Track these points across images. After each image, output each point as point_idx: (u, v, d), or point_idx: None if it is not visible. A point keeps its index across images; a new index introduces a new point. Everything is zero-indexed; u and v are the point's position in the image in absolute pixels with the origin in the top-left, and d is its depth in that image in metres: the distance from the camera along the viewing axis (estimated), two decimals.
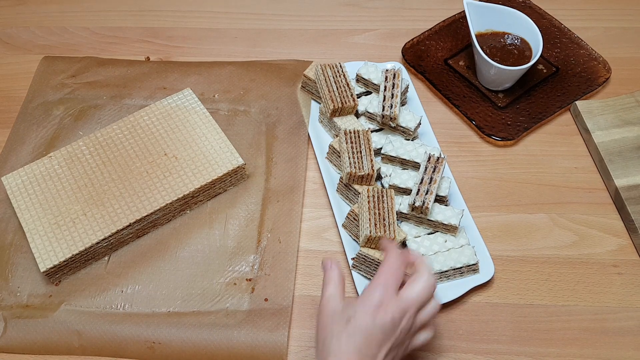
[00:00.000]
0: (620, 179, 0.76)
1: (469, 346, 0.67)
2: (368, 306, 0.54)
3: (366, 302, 0.55)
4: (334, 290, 0.58)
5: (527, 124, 0.84)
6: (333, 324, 0.55)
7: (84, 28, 1.00)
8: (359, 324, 0.53)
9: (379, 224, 0.67)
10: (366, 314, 0.54)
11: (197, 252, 0.74)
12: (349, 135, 0.74)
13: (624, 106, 0.84)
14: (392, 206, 0.68)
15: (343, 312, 0.55)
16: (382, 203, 0.68)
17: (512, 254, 0.74)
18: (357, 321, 0.54)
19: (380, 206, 0.68)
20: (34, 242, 0.70)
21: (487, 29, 0.88)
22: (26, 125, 0.86)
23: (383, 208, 0.68)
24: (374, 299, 0.54)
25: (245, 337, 0.67)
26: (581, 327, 0.68)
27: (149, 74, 0.91)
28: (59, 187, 0.74)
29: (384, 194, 0.69)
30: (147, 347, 0.67)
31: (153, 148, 0.78)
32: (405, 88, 0.82)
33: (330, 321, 0.55)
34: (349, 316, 0.54)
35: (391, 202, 0.69)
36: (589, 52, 0.91)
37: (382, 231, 0.66)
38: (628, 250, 0.73)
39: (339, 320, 0.55)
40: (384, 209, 0.68)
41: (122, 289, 0.71)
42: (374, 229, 0.66)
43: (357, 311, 0.54)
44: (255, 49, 0.96)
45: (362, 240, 0.68)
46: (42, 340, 0.68)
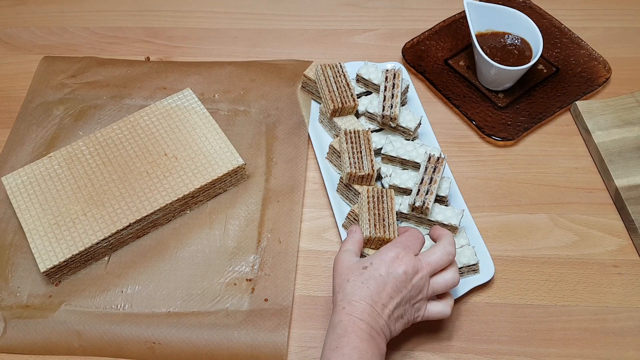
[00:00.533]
0: (620, 179, 0.76)
1: (469, 346, 0.67)
2: (384, 258, 0.59)
3: (383, 254, 0.59)
4: (352, 247, 0.63)
5: (527, 124, 0.84)
6: (349, 272, 0.59)
7: (84, 28, 1.00)
8: (373, 273, 0.58)
9: (378, 224, 0.66)
10: (381, 264, 0.58)
11: (197, 252, 0.74)
12: (349, 135, 0.74)
13: (624, 106, 0.84)
14: (392, 206, 0.68)
15: (359, 263, 0.60)
16: (382, 203, 0.68)
17: (512, 254, 0.74)
18: (371, 270, 0.58)
19: (380, 206, 0.68)
20: (34, 242, 0.70)
21: (487, 29, 0.88)
22: (26, 125, 0.86)
23: (383, 208, 0.68)
24: (390, 253, 0.59)
25: (246, 337, 0.67)
26: (581, 327, 0.68)
27: (149, 74, 0.91)
28: (59, 187, 0.74)
29: (383, 194, 0.69)
30: (147, 347, 0.67)
31: (153, 148, 0.78)
32: (406, 88, 0.82)
33: (346, 270, 0.60)
34: (364, 265, 0.59)
35: (391, 202, 0.68)
36: (589, 52, 0.91)
37: (382, 232, 0.66)
38: (628, 251, 0.73)
39: (355, 269, 0.59)
40: (384, 209, 0.68)
41: (122, 289, 0.71)
42: (374, 229, 0.66)
43: (373, 262, 0.59)
44: (255, 49, 0.96)
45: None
46: (42, 340, 0.68)
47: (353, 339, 0.54)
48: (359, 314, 0.56)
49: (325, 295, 0.71)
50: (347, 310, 0.56)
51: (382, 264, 0.58)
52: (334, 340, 0.55)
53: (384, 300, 0.57)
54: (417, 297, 0.59)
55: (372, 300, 0.56)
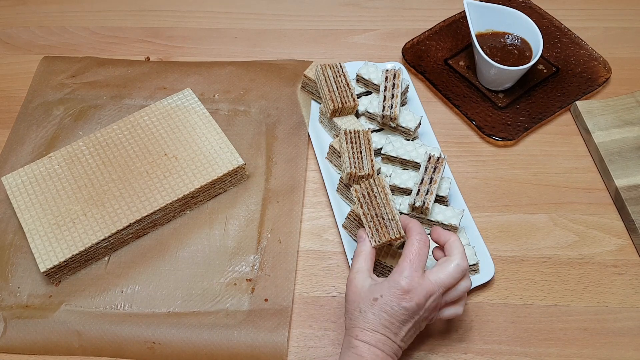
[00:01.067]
0: (620, 179, 0.76)
1: (469, 346, 0.67)
2: (394, 290, 0.57)
3: (393, 286, 0.57)
4: (363, 265, 0.61)
5: (527, 124, 0.84)
6: (360, 300, 0.58)
7: (84, 28, 1.00)
8: (384, 306, 0.57)
9: (380, 228, 0.62)
10: (392, 298, 0.57)
11: (197, 252, 0.74)
12: (349, 136, 0.74)
13: (624, 106, 0.84)
14: (387, 199, 0.62)
15: (370, 291, 0.58)
16: (375, 199, 0.63)
17: (512, 254, 0.74)
18: (383, 302, 0.57)
19: (374, 204, 0.63)
20: (34, 243, 0.70)
21: (487, 29, 0.88)
22: (26, 125, 0.86)
23: (377, 205, 0.63)
24: (400, 285, 0.57)
25: (246, 337, 0.67)
26: (581, 327, 0.68)
27: (149, 74, 0.91)
28: (59, 187, 0.74)
29: (373, 188, 0.63)
30: (147, 347, 0.67)
31: (153, 148, 0.78)
32: (406, 88, 0.82)
33: (358, 297, 0.58)
34: (375, 296, 0.57)
35: (383, 193, 0.63)
36: (589, 52, 0.91)
37: (386, 235, 0.61)
38: (628, 251, 0.73)
39: (366, 297, 0.58)
40: (379, 205, 0.62)
41: (122, 289, 0.71)
42: (377, 236, 0.61)
43: (384, 294, 0.57)
44: (255, 49, 0.96)
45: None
46: (42, 340, 0.68)
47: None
48: (374, 343, 0.56)
49: (325, 295, 0.71)
50: (361, 338, 0.57)
51: (392, 298, 0.56)
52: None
53: (396, 329, 0.57)
54: (430, 315, 0.60)
55: (386, 329, 0.57)
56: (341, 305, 0.70)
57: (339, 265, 0.73)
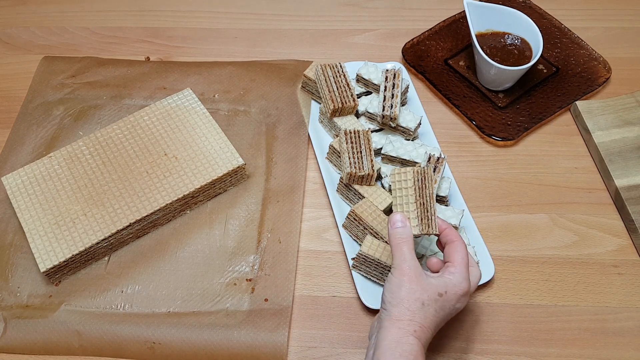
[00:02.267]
0: (620, 179, 0.76)
1: (469, 346, 0.67)
2: (457, 291, 0.58)
3: (457, 286, 0.58)
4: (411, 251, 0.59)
5: (527, 124, 0.84)
6: (424, 292, 0.57)
7: (84, 28, 1.00)
8: (446, 304, 0.58)
9: (424, 218, 0.60)
10: (454, 297, 0.58)
11: (197, 252, 0.74)
12: (349, 135, 0.74)
13: (624, 106, 0.84)
14: (432, 192, 0.61)
15: (435, 285, 0.58)
16: (426, 189, 0.61)
17: (512, 254, 0.74)
18: (446, 300, 0.58)
19: (425, 193, 0.61)
20: (34, 242, 0.70)
21: (487, 29, 0.88)
22: (26, 125, 0.86)
23: (426, 196, 0.60)
24: (463, 287, 0.58)
25: (246, 337, 0.67)
26: (581, 327, 0.68)
27: (149, 74, 0.91)
28: (59, 187, 0.74)
29: (425, 176, 0.61)
30: (147, 347, 0.67)
31: (153, 148, 0.78)
32: (406, 88, 0.82)
33: (421, 288, 0.57)
34: (440, 292, 0.58)
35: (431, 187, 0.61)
36: (589, 52, 0.91)
37: (427, 228, 0.60)
38: (628, 251, 0.73)
39: (432, 290, 0.57)
40: (426, 197, 0.60)
41: (122, 289, 0.71)
42: (421, 225, 0.60)
43: (448, 291, 0.58)
44: (255, 49, 0.96)
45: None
46: (42, 340, 0.68)
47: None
48: (426, 341, 0.56)
49: (325, 295, 0.71)
50: (418, 335, 0.56)
51: (454, 297, 0.58)
52: (405, 357, 0.55)
53: (440, 326, 0.59)
54: None
55: (437, 327, 0.58)
56: (341, 304, 0.70)
57: (339, 265, 0.73)
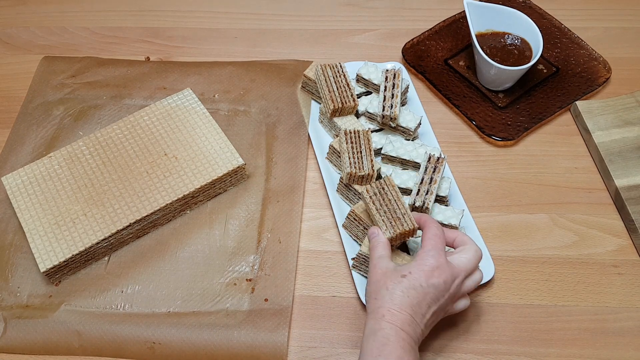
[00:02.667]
0: (620, 179, 0.76)
1: (469, 346, 0.67)
2: (423, 267, 0.58)
3: (422, 264, 0.58)
4: (384, 252, 0.62)
5: (527, 124, 0.84)
6: (386, 279, 0.58)
7: (84, 28, 1.00)
8: (414, 283, 0.57)
9: (393, 220, 0.64)
10: (421, 274, 0.57)
11: (197, 252, 0.74)
12: (349, 135, 0.74)
13: (624, 106, 0.84)
14: (397, 195, 0.65)
15: (397, 270, 0.59)
16: (386, 196, 0.65)
17: (512, 254, 0.74)
18: (412, 279, 0.57)
19: (386, 200, 0.65)
20: (34, 242, 0.70)
21: (487, 29, 0.88)
22: (26, 125, 0.86)
23: (389, 201, 0.65)
24: (429, 262, 0.58)
25: (246, 337, 0.67)
26: (581, 327, 0.68)
27: (149, 74, 0.91)
28: (59, 187, 0.74)
29: (384, 186, 0.66)
30: (147, 347, 0.67)
31: (153, 148, 0.78)
32: (406, 88, 0.82)
33: (383, 277, 0.59)
34: (403, 274, 0.58)
35: (394, 190, 0.66)
36: (589, 52, 0.91)
37: (400, 227, 0.63)
38: (628, 251, 0.73)
39: (393, 276, 0.58)
40: (391, 201, 0.65)
41: (122, 289, 0.71)
42: (392, 228, 0.63)
43: (412, 271, 0.58)
44: (255, 49, 0.96)
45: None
46: (42, 340, 0.68)
47: (396, 348, 0.54)
48: (400, 324, 0.55)
49: (325, 295, 0.71)
50: (387, 319, 0.55)
51: (421, 273, 0.57)
52: (376, 348, 0.54)
53: (423, 310, 0.57)
54: (451, 302, 0.60)
55: (413, 310, 0.56)
56: (341, 304, 0.70)
57: (339, 265, 0.73)
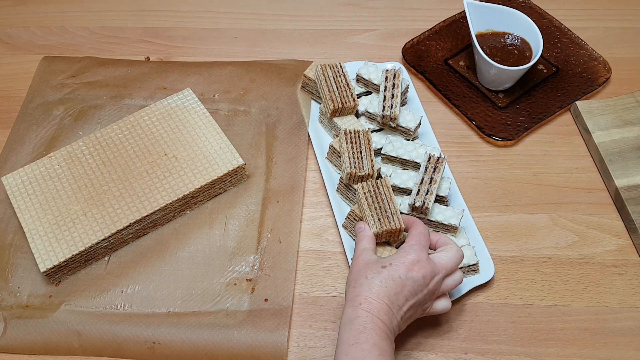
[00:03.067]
0: (620, 179, 0.76)
1: (469, 346, 0.67)
2: (404, 260, 0.59)
3: (402, 257, 0.59)
4: (368, 245, 0.64)
5: (527, 124, 0.84)
6: (367, 269, 0.59)
7: (84, 28, 1.00)
8: (393, 274, 0.58)
9: (382, 217, 0.66)
10: (401, 266, 0.58)
11: (197, 252, 0.74)
12: (349, 136, 0.74)
13: (624, 106, 0.84)
14: (390, 195, 0.68)
15: (378, 261, 0.60)
16: (379, 195, 0.68)
17: (512, 254, 0.74)
18: (391, 270, 0.58)
19: (378, 198, 0.68)
20: (34, 243, 0.70)
21: (487, 29, 0.88)
22: (26, 125, 0.86)
23: (382, 200, 0.68)
24: (410, 256, 0.59)
25: (246, 337, 0.67)
26: (581, 327, 0.68)
27: (149, 74, 0.91)
28: (59, 187, 0.74)
29: (379, 186, 0.69)
30: (147, 347, 0.67)
31: (153, 148, 0.78)
32: (406, 88, 0.82)
33: (364, 267, 0.60)
34: (384, 265, 0.59)
35: (388, 191, 0.68)
36: (589, 52, 0.91)
37: (387, 224, 0.66)
38: (628, 251, 0.73)
39: (374, 266, 0.59)
40: (383, 200, 0.68)
41: (122, 289, 0.71)
42: (379, 223, 0.66)
43: (392, 263, 0.59)
44: (255, 49, 0.96)
45: None
46: (42, 340, 0.68)
47: (373, 335, 0.54)
48: (377, 312, 0.56)
49: (325, 295, 0.71)
50: (364, 307, 0.56)
51: (401, 266, 0.58)
52: (353, 336, 0.55)
53: (401, 302, 0.57)
54: (429, 299, 0.60)
55: (390, 300, 0.57)
56: (341, 304, 0.70)
57: (339, 265, 0.73)
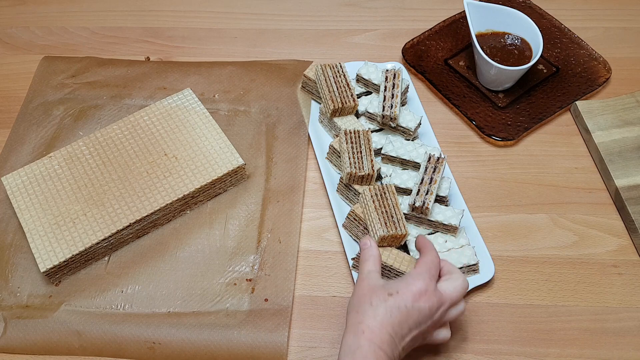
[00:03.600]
0: (620, 179, 0.76)
1: (469, 346, 0.67)
2: (411, 288, 0.57)
3: (410, 285, 0.58)
4: (373, 267, 0.61)
5: (527, 124, 0.84)
6: (372, 295, 0.57)
7: (84, 28, 1.00)
8: (399, 303, 0.56)
9: (388, 222, 0.67)
10: (408, 295, 0.57)
11: (197, 252, 0.74)
12: (349, 135, 0.74)
13: (624, 106, 0.84)
14: (396, 201, 0.69)
15: (384, 287, 0.58)
16: (386, 200, 0.68)
17: (512, 254, 0.74)
18: (398, 299, 0.56)
19: (385, 203, 0.68)
20: (34, 242, 0.70)
21: (487, 29, 0.88)
22: (26, 125, 0.86)
23: (388, 205, 0.68)
24: (418, 285, 0.57)
25: (246, 337, 0.67)
26: (581, 327, 0.68)
27: (149, 74, 0.91)
28: (59, 187, 0.74)
29: (385, 191, 0.69)
30: (147, 347, 0.67)
31: (153, 148, 0.78)
32: (406, 88, 0.82)
33: (370, 292, 0.58)
34: (390, 292, 0.57)
35: (394, 197, 0.69)
36: (589, 52, 0.91)
37: (394, 229, 0.66)
38: (628, 251, 0.73)
39: (380, 292, 0.57)
40: (389, 205, 0.68)
41: (122, 289, 0.71)
42: (385, 227, 0.66)
43: (399, 291, 0.57)
44: (255, 49, 0.96)
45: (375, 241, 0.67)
46: (42, 340, 0.68)
47: None
48: (380, 343, 0.54)
49: (325, 295, 0.71)
50: (367, 336, 0.55)
51: (408, 294, 0.56)
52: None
53: (404, 332, 0.56)
54: (432, 330, 0.59)
55: (394, 330, 0.55)
56: (341, 304, 0.70)
57: (339, 265, 0.73)
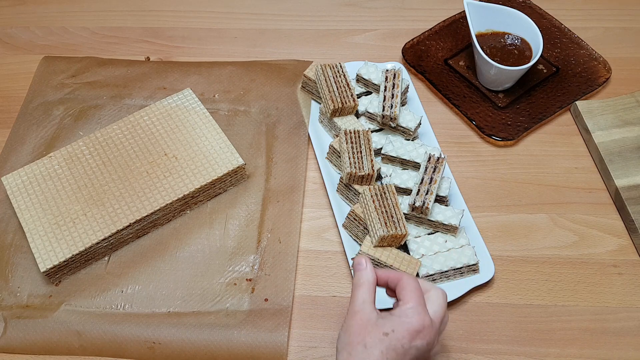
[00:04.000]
0: (620, 179, 0.76)
1: (469, 346, 0.67)
2: (408, 327, 0.53)
3: (406, 322, 0.53)
4: (367, 296, 0.56)
5: (527, 124, 0.84)
6: (366, 334, 0.53)
7: (84, 28, 1.00)
8: (395, 343, 0.52)
9: (389, 222, 0.67)
10: (405, 334, 0.53)
11: (197, 252, 0.74)
12: (349, 135, 0.74)
13: (624, 106, 0.84)
14: (396, 201, 0.69)
15: (378, 325, 0.54)
16: (386, 200, 0.69)
17: (512, 254, 0.74)
18: (394, 339, 0.52)
19: (385, 203, 0.68)
20: (34, 242, 0.70)
21: (487, 29, 0.88)
22: (26, 125, 0.86)
23: (388, 205, 0.68)
24: (414, 322, 0.53)
25: (246, 337, 0.67)
26: (581, 327, 0.68)
27: (149, 74, 0.91)
28: (59, 187, 0.74)
29: (385, 191, 0.69)
30: (147, 347, 0.67)
31: (153, 148, 0.78)
32: (406, 88, 0.82)
33: (364, 330, 0.53)
34: (385, 331, 0.53)
35: (394, 197, 0.69)
36: (589, 52, 0.91)
37: (394, 229, 0.66)
38: (628, 250, 0.73)
39: (374, 331, 0.53)
40: (389, 205, 0.68)
41: (122, 289, 0.71)
42: (385, 227, 0.66)
43: (395, 329, 0.53)
44: (255, 49, 0.96)
45: (375, 241, 0.67)
46: (42, 340, 0.68)
47: None
48: None
49: (325, 295, 0.71)
50: None
51: (405, 334, 0.52)
52: None
53: None
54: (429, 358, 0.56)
55: None
56: (341, 304, 0.70)
57: (339, 265, 0.73)
